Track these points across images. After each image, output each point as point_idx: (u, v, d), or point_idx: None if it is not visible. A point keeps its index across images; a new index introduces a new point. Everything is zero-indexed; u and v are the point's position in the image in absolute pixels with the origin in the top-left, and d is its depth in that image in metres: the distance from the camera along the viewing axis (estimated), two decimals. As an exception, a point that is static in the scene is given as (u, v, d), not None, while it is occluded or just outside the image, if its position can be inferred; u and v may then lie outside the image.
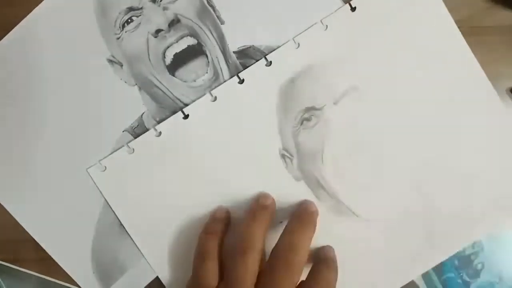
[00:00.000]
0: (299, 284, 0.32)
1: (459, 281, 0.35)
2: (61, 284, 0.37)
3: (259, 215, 0.34)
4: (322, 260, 0.34)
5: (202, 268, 0.33)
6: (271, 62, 0.36)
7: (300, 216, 0.34)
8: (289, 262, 0.32)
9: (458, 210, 0.35)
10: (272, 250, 0.33)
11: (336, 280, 0.33)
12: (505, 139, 0.36)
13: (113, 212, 0.37)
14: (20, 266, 0.38)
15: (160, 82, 0.37)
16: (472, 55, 0.35)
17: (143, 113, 0.37)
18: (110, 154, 0.37)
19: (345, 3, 0.36)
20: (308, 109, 0.36)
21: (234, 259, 0.32)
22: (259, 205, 0.35)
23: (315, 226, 0.34)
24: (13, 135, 0.38)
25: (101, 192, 0.37)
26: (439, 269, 0.35)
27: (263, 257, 0.34)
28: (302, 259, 0.32)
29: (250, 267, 0.32)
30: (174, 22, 0.36)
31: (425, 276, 0.36)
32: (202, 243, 0.35)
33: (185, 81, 0.37)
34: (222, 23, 0.37)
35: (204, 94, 0.37)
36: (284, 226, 0.34)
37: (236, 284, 0.31)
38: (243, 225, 0.34)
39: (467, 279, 0.35)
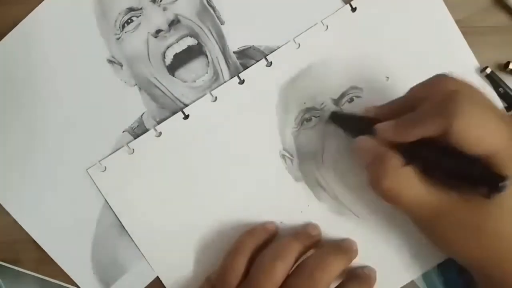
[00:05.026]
0: None
1: (460, 281, 0.35)
2: (61, 285, 0.37)
3: (301, 237, 0.34)
4: (354, 275, 0.34)
5: (232, 261, 0.33)
6: (271, 62, 0.36)
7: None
8: (314, 278, 0.31)
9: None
10: (300, 263, 0.33)
11: None
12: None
13: (113, 212, 0.37)
14: (20, 266, 0.37)
15: (160, 83, 0.37)
16: (472, 55, 0.36)
17: (143, 114, 0.37)
18: (110, 154, 0.37)
19: (346, 4, 0.36)
20: (309, 110, 0.36)
21: (263, 264, 0.32)
22: (305, 232, 0.35)
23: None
24: (13, 135, 0.38)
25: (101, 192, 0.37)
26: (440, 269, 0.35)
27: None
28: (329, 280, 0.32)
29: (275, 276, 0.31)
30: (174, 22, 0.36)
31: (425, 276, 0.36)
32: (241, 239, 0.34)
33: (185, 82, 0.37)
34: (222, 23, 0.37)
35: (204, 94, 0.36)
36: (284, 227, 0.34)
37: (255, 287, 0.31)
38: (283, 238, 0.33)
39: (468, 279, 0.35)
